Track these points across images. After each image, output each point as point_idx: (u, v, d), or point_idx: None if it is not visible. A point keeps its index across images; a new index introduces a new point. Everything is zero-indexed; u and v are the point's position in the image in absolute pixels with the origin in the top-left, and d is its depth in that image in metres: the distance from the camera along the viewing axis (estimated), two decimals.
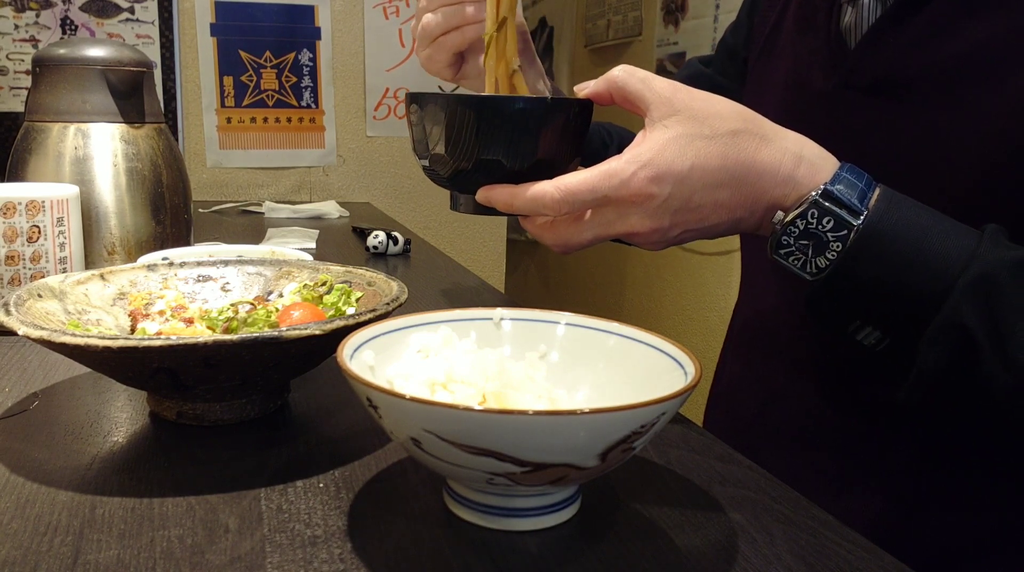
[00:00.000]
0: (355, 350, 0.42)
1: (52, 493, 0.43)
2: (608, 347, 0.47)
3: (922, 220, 0.46)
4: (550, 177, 0.49)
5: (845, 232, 0.46)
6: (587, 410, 0.34)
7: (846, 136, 0.56)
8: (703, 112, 0.48)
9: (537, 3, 3.47)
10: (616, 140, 0.86)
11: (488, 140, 0.50)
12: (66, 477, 0.45)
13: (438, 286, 0.98)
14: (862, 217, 0.46)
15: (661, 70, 2.37)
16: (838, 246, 0.46)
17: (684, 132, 0.47)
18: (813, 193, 0.47)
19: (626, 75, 0.50)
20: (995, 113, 0.49)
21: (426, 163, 0.54)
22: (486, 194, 0.52)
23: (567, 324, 0.49)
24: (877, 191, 0.47)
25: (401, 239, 1.20)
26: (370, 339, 0.44)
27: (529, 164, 0.51)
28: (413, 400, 0.34)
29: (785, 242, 0.48)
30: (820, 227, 0.47)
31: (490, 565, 0.37)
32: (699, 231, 0.50)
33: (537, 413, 0.33)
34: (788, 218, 0.47)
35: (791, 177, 0.48)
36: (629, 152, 0.48)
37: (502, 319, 0.49)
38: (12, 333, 0.46)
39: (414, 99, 0.53)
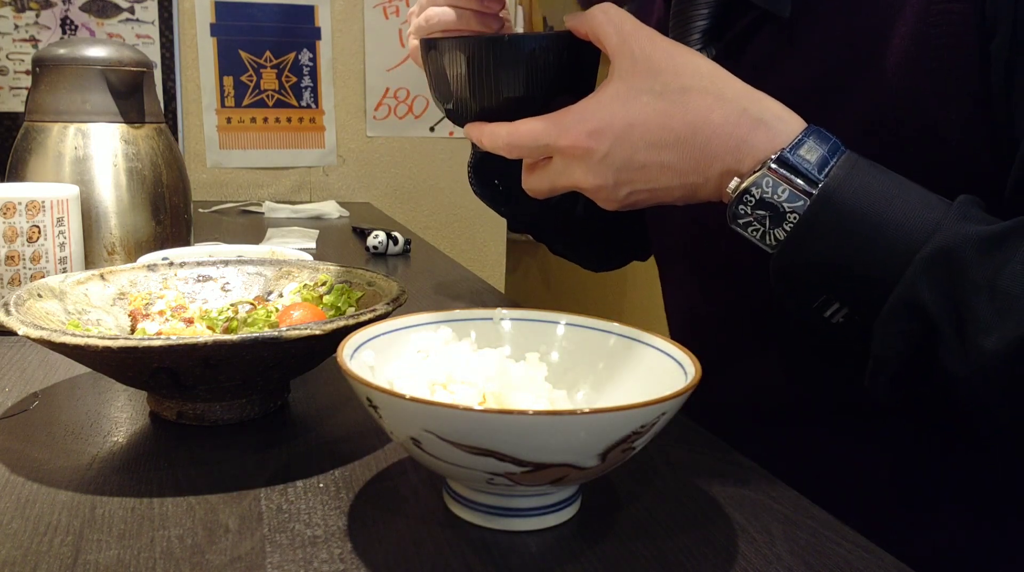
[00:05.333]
0: (355, 350, 0.42)
1: (52, 493, 0.43)
2: (608, 347, 0.47)
3: (886, 188, 0.43)
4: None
5: (801, 202, 0.43)
6: (587, 410, 0.34)
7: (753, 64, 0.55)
8: (659, 65, 0.45)
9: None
10: None
11: (508, 78, 0.49)
12: (66, 477, 0.45)
13: (438, 286, 0.98)
14: (819, 186, 0.43)
15: None
16: (794, 217, 0.44)
17: (633, 86, 0.45)
18: (768, 160, 0.44)
19: (600, 14, 0.47)
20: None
21: (449, 107, 0.53)
22: (470, 130, 0.51)
23: (567, 324, 0.49)
24: (842, 157, 0.44)
25: (401, 239, 1.20)
26: (370, 339, 0.44)
27: (544, 97, 0.49)
28: (413, 400, 0.34)
29: (742, 212, 0.45)
30: (776, 197, 0.44)
31: (490, 565, 0.37)
32: (651, 192, 0.47)
33: (537, 413, 0.33)
34: (742, 186, 0.44)
35: (745, 141, 0.44)
36: (581, 102, 0.47)
37: (502, 319, 0.49)
38: (12, 333, 0.46)
39: (431, 46, 0.51)
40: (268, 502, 0.42)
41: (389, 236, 1.19)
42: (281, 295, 0.63)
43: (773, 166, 0.44)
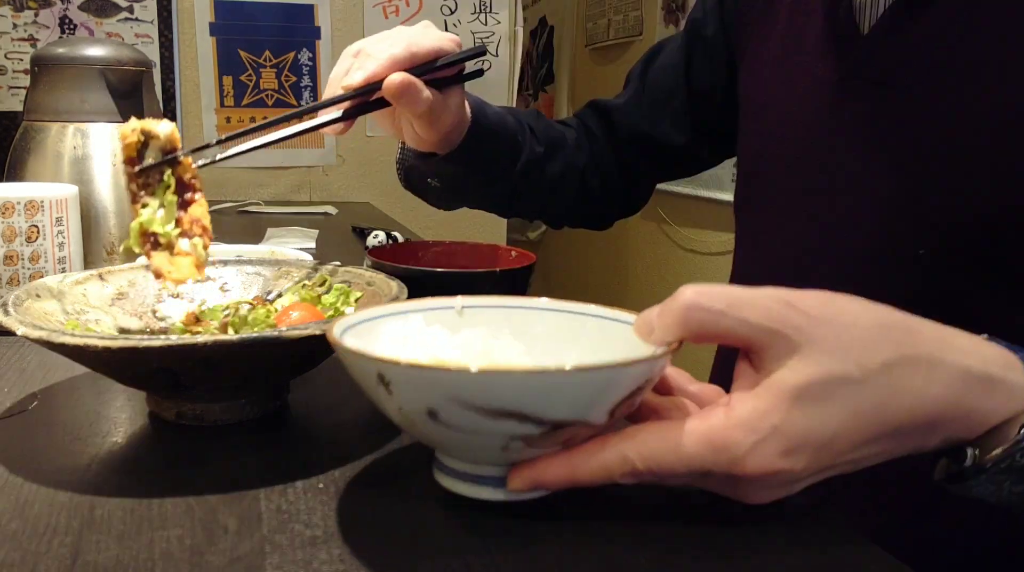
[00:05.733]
0: (343, 333, 0.41)
1: (51, 494, 0.43)
2: (588, 328, 0.46)
3: None
4: None
5: None
6: (625, 362, 0.35)
7: (848, 127, 0.54)
8: (838, 340, 0.34)
9: (537, 3, 3.46)
10: (542, 140, 0.79)
11: None
12: (65, 478, 0.44)
13: None
14: None
15: None
16: None
17: (820, 376, 0.34)
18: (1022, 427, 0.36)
19: (702, 313, 0.36)
20: (1011, 106, 0.48)
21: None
22: (531, 477, 0.37)
23: (543, 309, 0.47)
24: None
25: (401, 239, 1.20)
26: (347, 328, 0.43)
27: None
28: (456, 370, 0.33)
29: (973, 476, 0.37)
30: None
31: (490, 565, 0.37)
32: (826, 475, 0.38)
33: (576, 369, 0.33)
34: (991, 458, 0.36)
35: (976, 409, 0.36)
36: (739, 406, 0.35)
37: (464, 307, 0.48)
38: (11, 333, 0.46)
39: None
40: (267, 502, 0.42)
41: (389, 236, 1.19)
42: (280, 295, 0.63)
43: None
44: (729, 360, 0.74)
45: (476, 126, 0.70)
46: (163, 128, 0.55)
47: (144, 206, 0.54)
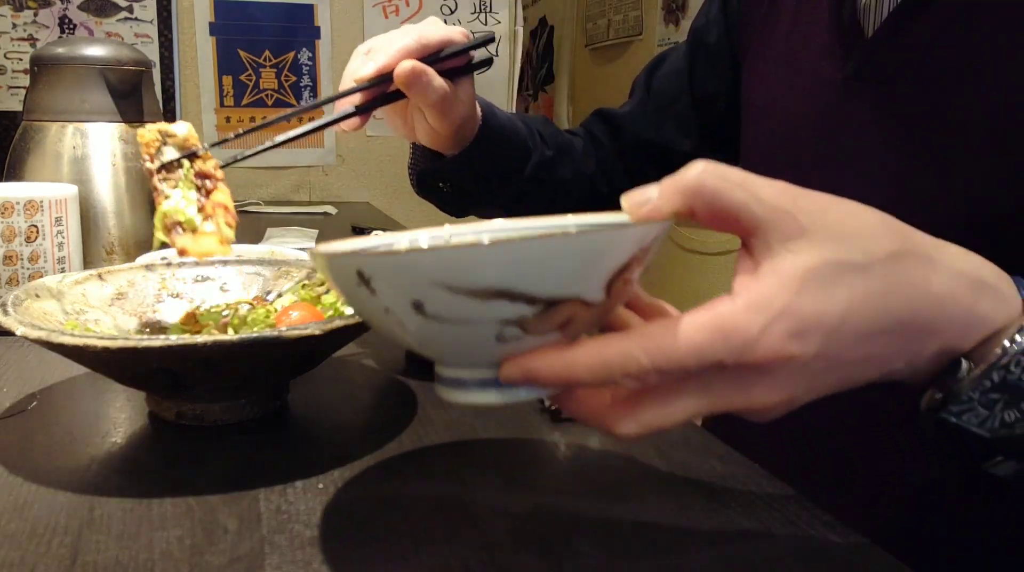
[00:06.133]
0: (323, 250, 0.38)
1: (50, 494, 0.43)
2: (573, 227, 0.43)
3: None
4: None
5: None
6: (619, 223, 0.33)
7: (853, 128, 0.55)
8: (844, 227, 0.34)
9: (537, 3, 3.46)
10: (551, 145, 0.78)
11: None
12: (64, 478, 0.44)
13: None
14: None
15: None
16: None
17: (827, 262, 0.33)
18: (1020, 338, 0.35)
19: (718, 183, 0.34)
20: (1015, 106, 0.48)
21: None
22: (527, 367, 0.34)
23: (527, 225, 0.44)
24: None
25: None
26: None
27: None
28: (431, 249, 0.31)
29: (967, 398, 0.36)
30: None
31: (490, 565, 0.37)
32: (831, 391, 0.37)
33: (563, 232, 0.31)
34: (982, 370, 0.36)
35: (972, 312, 0.36)
36: (745, 291, 0.33)
37: (452, 234, 0.45)
38: (10, 333, 0.46)
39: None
40: (267, 503, 0.42)
41: None
42: (280, 295, 0.63)
43: None
44: None
45: (486, 126, 0.70)
46: (179, 128, 0.57)
47: (166, 198, 0.55)
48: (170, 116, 1.94)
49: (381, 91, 0.62)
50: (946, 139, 0.52)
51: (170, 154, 0.57)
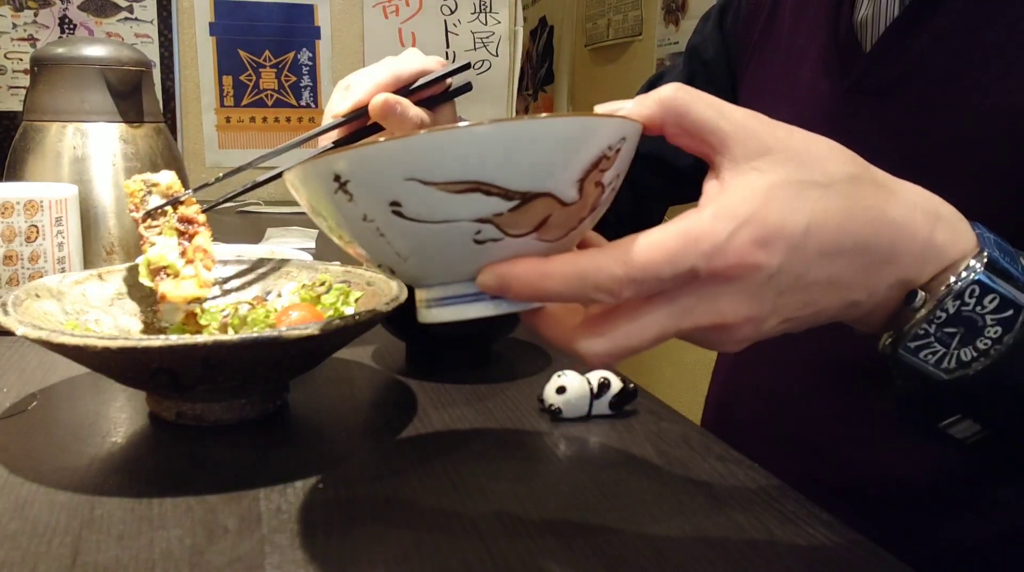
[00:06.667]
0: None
1: (51, 494, 0.43)
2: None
3: None
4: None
5: (1011, 313, 0.35)
6: (590, 114, 0.33)
7: (851, 142, 0.55)
8: (806, 151, 0.35)
9: (537, 3, 3.46)
10: None
11: None
12: (65, 478, 0.44)
13: None
14: None
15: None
16: (996, 331, 0.36)
17: (790, 178, 0.34)
18: (974, 263, 0.36)
19: (689, 97, 0.35)
20: (1011, 117, 0.49)
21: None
22: (502, 276, 0.33)
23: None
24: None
25: None
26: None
27: None
28: (401, 137, 0.31)
29: (923, 332, 0.36)
30: (980, 308, 0.36)
31: (490, 564, 0.37)
32: (798, 321, 0.36)
33: (533, 118, 0.31)
34: (936, 299, 0.36)
35: (930, 242, 0.36)
36: (712, 203, 0.34)
37: None
38: (10, 333, 0.46)
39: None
40: (267, 502, 0.42)
41: None
42: (280, 295, 0.63)
43: (985, 271, 0.36)
44: (728, 365, 0.74)
45: None
46: (163, 177, 0.60)
47: (151, 246, 0.58)
48: (170, 116, 1.94)
49: (361, 124, 0.63)
50: (944, 152, 0.52)
51: (155, 202, 0.60)
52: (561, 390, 0.54)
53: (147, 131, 0.93)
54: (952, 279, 0.36)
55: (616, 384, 0.55)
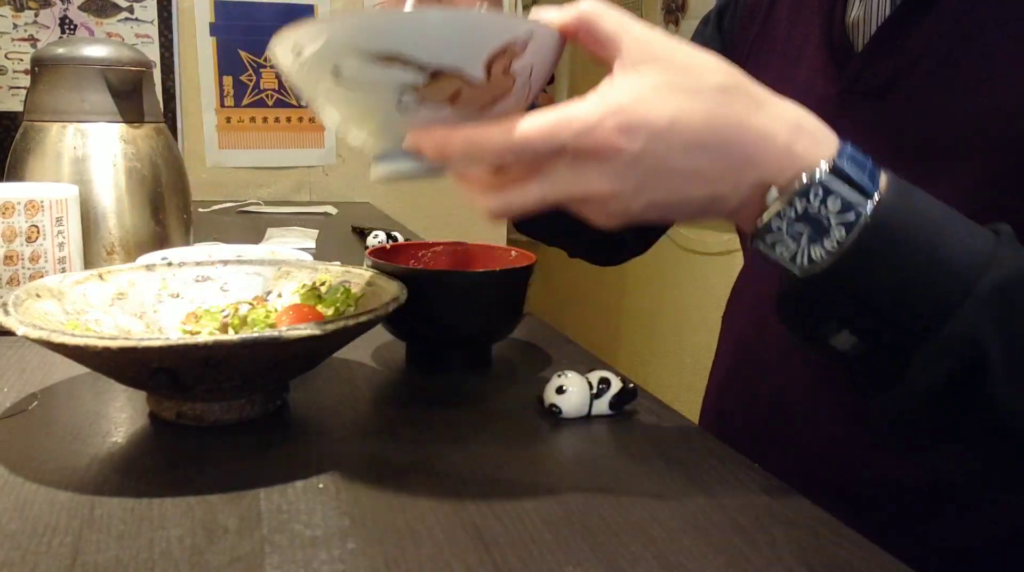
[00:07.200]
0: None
1: (51, 494, 0.43)
2: None
3: (935, 214, 0.41)
4: None
5: (852, 217, 0.40)
6: (490, 12, 0.42)
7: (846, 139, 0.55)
8: (687, 62, 0.40)
9: (537, 3, 3.47)
10: None
11: None
12: (65, 477, 0.44)
13: None
14: (873, 200, 0.40)
15: None
16: (840, 233, 0.40)
17: (664, 81, 0.40)
18: (819, 167, 0.40)
19: (599, 9, 0.41)
20: (1004, 114, 0.49)
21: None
22: (416, 138, 0.41)
23: None
24: (884, 176, 0.41)
25: (401, 239, 1.20)
26: None
27: None
28: (346, 15, 0.40)
29: (776, 227, 0.41)
30: (823, 209, 0.40)
31: (489, 565, 0.37)
32: (666, 206, 0.42)
33: (442, 10, 0.39)
34: (786, 196, 0.41)
35: (788, 149, 0.41)
36: (593, 95, 0.40)
37: None
38: (11, 333, 0.46)
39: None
40: (267, 502, 0.42)
41: (389, 236, 1.19)
42: (280, 295, 0.63)
43: (827, 174, 0.40)
44: (727, 368, 0.74)
45: None
46: None
47: None
48: (171, 116, 1.94)
49: None
50: (939, 151, 0.52)
51: None
52: (561, 390, 0.54)
53: (147, 131, 0.93)
54: (801, 179, 0.41)
55: (616, 384, 0.55)
